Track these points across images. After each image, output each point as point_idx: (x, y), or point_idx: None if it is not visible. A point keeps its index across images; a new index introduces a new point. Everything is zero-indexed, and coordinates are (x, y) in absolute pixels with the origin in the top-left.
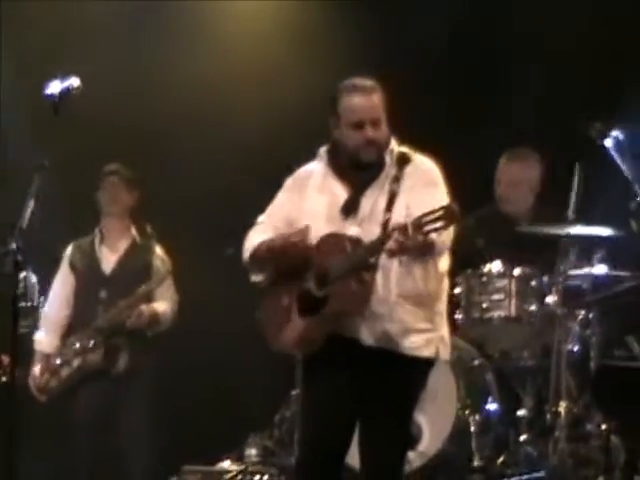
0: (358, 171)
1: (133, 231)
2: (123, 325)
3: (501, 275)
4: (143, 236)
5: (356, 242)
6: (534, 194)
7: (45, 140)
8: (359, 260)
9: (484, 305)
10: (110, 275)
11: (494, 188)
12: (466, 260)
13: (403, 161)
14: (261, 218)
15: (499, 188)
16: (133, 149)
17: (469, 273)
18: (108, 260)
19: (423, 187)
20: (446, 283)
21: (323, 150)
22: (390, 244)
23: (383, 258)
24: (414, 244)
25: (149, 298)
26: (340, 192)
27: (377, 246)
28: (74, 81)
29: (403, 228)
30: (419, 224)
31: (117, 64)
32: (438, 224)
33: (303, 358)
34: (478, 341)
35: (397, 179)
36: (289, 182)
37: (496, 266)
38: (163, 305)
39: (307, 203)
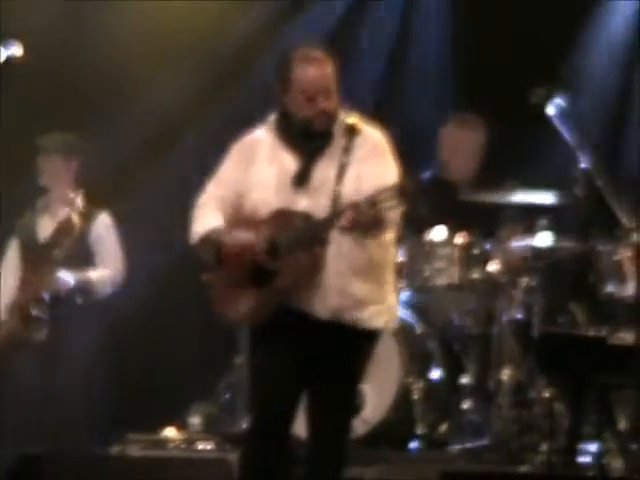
0: (308, 141)
1: (76, 198)
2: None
3: (443, 243)
4: (85, 203)
5: (306, 217)
6: (477, 161)
7: None
8: (310, 235)
9: (427, 273)
10: (43, 243)
11: (437, 154)
12: (408, 228)
13: (352, 132)
14: (208, 188)
15: (442, 154)
16: (71, 112)
17: (412, 241)
18: (45, 229)
19: (373, 158)
20: (393, 253)
21: (271, 118)
22: (342, 221)
23: (334, 232)
24: (366, 221)
25: (87, 264)
26: (289, 162)
27: (328, 223)
28: (16, 50)
29: (356, 205)
30: (372, 202)
31: (51, 27)
32: (391, 202)
33: (252, 329)
34: (421, 309)
35: (347, 150)
36: (235, 150)
37: (438, 234)
38: (101, 272)
39: (255, 173)
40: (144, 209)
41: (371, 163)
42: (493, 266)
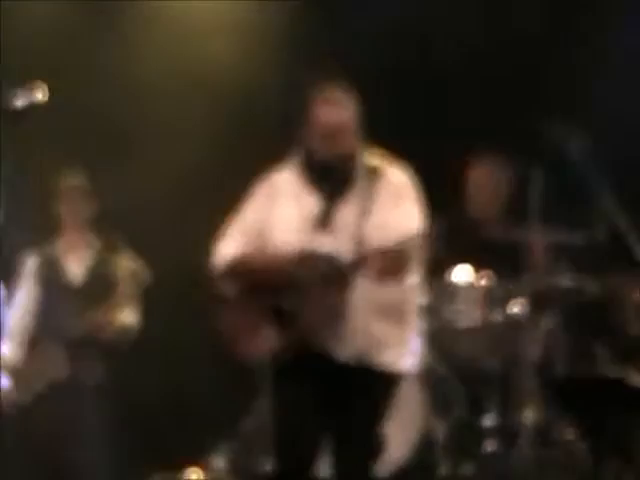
0: (329, 182)
1: (97, 240)
2: (91, 337)
3: (466, 284)
4: (108, 245)
5: (330, 260)
6: (502, 198)
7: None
8: (333, 278)
9: (449, 315)
10: (77, 286)
11: (461, 192)
12: (430, 268)
13: (374, 175)
14: (230, 228)
15: (466, 191)
16: (86, 153)
17: (433, 282)
18: (73, 270)
19: (395, 203)
20: (415, 294)
21: (293, 157)
22: (367, 270)
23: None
24: (390, 268)
25: (116, 308)
26: (312, 203)
27: (352, 268)
28: (39, 93)
29: (379, 255)
30: (396, 250)
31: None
32: (414, 249)
33: (273, 371)
34: (443, 351)
35: (369, 193)
36: (258, 189)
37: (461, 275)
38: (130, 316)
39: (278, 213)
40: (161, 246)
41: (393, 208)
42: (515, 306)
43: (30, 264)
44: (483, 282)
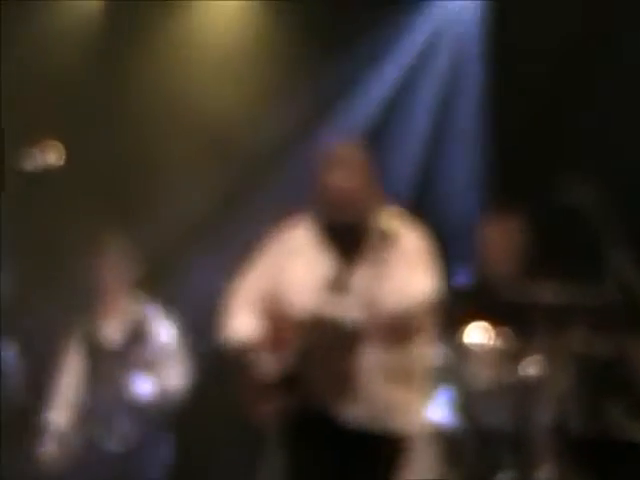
0: (343, 243)
1: (131, 300)
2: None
3: (479, 345)
4: (141, 304)
5: (340, 324)
6: (517, 257)
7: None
8: (343, 343)
9: (463, 376)
10: (115, 351)
11: (476, 250)
12: (444, 329)
13: (390, 238)
14: (239, 287)
15: (480, 250)
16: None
17: (445, 343)
18: (111, 336)
19: (409, 268)
20: (426, 357)
21: (307, 215)
22: (377, 335)
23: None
24: (401, 333)
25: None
26: (326, 263)
27: (362, 333)
28: (54, 154)
29: (390, 321)
30: (408, 316)
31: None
32: (426, 314)
33: (283, 436)
34: (457, 411)
35: (383, 257)
36: (269, 247)
37: (473, 335)
38: (173, 378)
39: (290, 272)
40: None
41: (407, 273)
42: (529, 366)
43: (73, 335)
44: (497, 342)
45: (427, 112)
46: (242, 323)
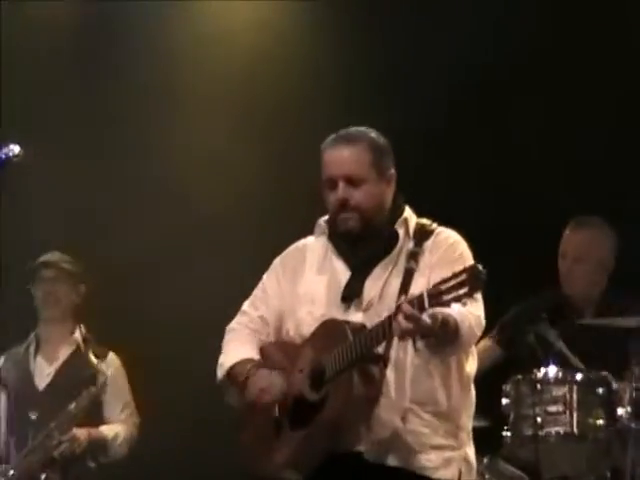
0: (361, 246)
1: (77, 335)
2: (52, 454)
3: (559, 381)
4: (90, 341)
5: (360, 329)
6: (605, 274)
7: None
8: (363, 350)
9: (538, 419)
10: (43, 391)
11: (557, 266)
12: (515, 362)
13: (422, 234)
14: (245, 307)
15: (562, 265)
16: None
17: (518, 379)
18: (43, 373)
19: (447, 264)
20: (473, 392)
21: (322, 220)
22: (400, 320)
23: (395, 350)
24: (434, 323)
25: (98, 419)
26: (342, 271)
27: (385, 328)
28: (14, 148)
29: (418, 299)
30: (437, 293)
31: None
32: (461, 291)
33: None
34: (529, 463)
35: (414, 255)
36: (279, 264)
37: (553, 369)
38: (115, 428)
39: (303, 286)
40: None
41: (444, 270)
42: (621, 410)
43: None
44: (580, 376)
45: None
46: (237, 350)
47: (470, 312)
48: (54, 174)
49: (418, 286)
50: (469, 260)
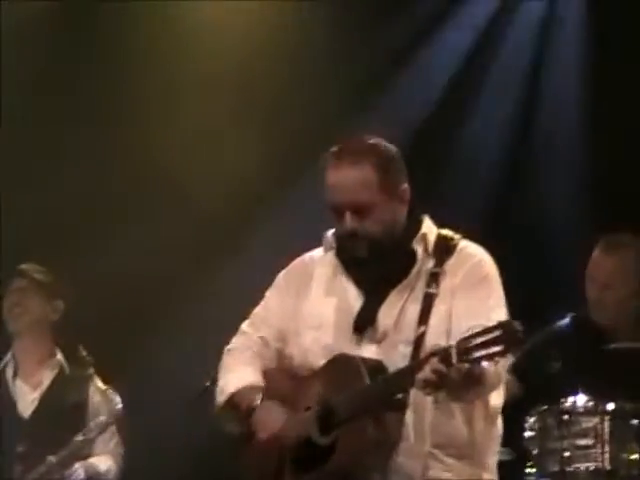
0: (373, 268)
1: (59, 356)
2: None
3: (589, 412)
4: (74, 363)
5: (376, 368)
6: (637, 297)
7: None
8: (379, 395)
9: (566, 454)
10: (30, 420)
11: (585, 289)
12: (539, 392)
13: (443, 250)
14: (245, 327)
15: (590, 290)
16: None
17: (544, 410)
18: (26, 399)
19: (472, 288)
20: (499, 425)
21: (330, 234)
22: (426, 374)
23: (414, 392)
24: (459, 376)
25: (86, 451)
26: (353, 295)
27: (406, 377)
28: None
29: (444, 353)
30: (467, 348)
31: None
32: (493, 349)
33: None
34: None
35: (435, 277)
36: (283, 279)
37: (582, 399)
38: (106, 461)
39: (309, 308)
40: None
41: (468, 294)
42: None
43: None
44: (612, 407)
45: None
46: (237, 373)
47: None
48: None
49: (439, 314)
50: (494, 282)
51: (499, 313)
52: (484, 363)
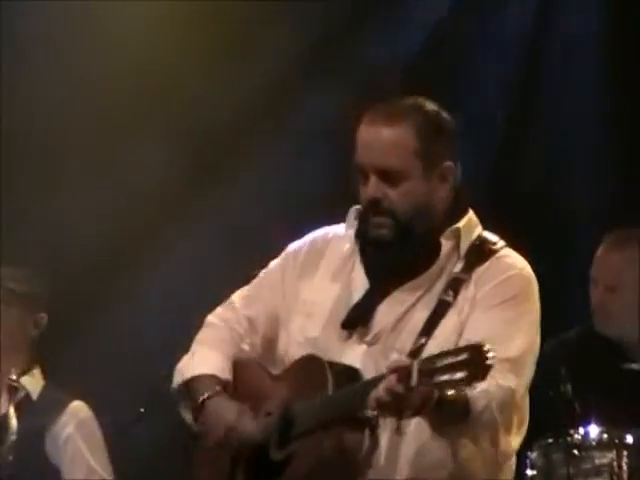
0: (391, 255)
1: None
2: None
3: (604, 444)
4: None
5: (346, 375)
6: None
7: None
8: (339, 410)
9: None
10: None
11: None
12: (545, 420)
13: (478, 254)
14: (235, 298)
15: (594, 294)
16: None
17: (548, 443)
18: None
19: (496, 306)
20: (511, 469)
21: (353, 211)
22: (378, 393)
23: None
24: (420, 401)
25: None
26: (361, 284)
27: (388, 400)
28: None
29: (404, 371)
30: (431, 370)
31: None
32: (457, 375)
33: None
34: None
35: (457, 283)
36: (291, 253)
37: (595, 430)
38: None
39: (308, 290)
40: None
41: (489, 312)
42: None
43: None
44: (630, 438)
45: None
46: (206, 356)
47: (499, 385)
48: None
49: (448, 327)
50: (527, 305)
51: (520, 345)
52: (451, 390)
